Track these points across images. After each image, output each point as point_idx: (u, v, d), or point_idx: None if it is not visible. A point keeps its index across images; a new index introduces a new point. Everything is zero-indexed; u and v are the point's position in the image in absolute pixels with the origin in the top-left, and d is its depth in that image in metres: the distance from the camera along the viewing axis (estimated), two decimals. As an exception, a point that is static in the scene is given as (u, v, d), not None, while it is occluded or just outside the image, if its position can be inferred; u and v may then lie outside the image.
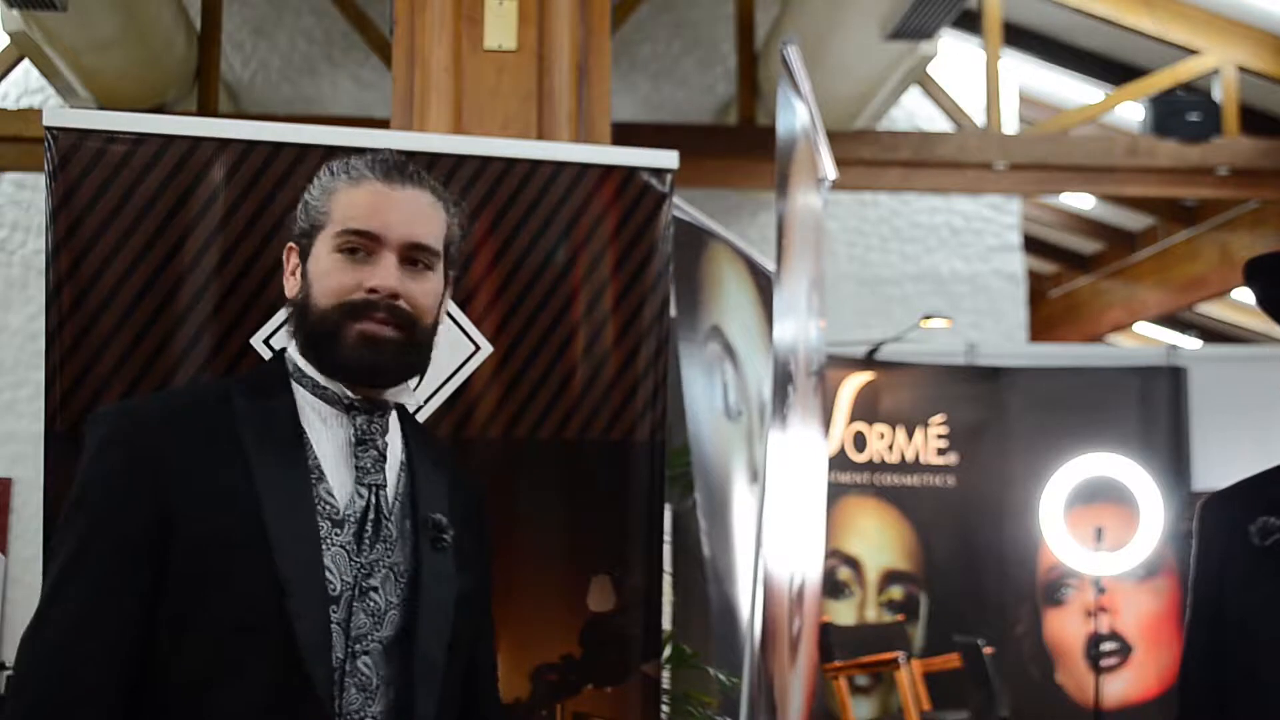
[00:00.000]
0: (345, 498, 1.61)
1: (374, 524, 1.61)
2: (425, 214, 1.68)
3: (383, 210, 1.64)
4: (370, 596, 1.59)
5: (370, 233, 1.63)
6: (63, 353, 2.02)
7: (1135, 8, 7.07)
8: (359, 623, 1.58)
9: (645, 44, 7.82)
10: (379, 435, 1.65)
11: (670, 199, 2.30)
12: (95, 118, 2.10)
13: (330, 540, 1.58)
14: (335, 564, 1.58)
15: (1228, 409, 6.44)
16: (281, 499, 1.55)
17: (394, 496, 1.65)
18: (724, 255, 3.38)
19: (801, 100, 3.08)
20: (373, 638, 1.59)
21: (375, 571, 1.60)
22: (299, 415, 1.63)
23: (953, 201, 8.30)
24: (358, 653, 1.57)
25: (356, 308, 1.61)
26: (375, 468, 1.63)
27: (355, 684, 1.57)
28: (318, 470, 1.60)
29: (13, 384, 6.98)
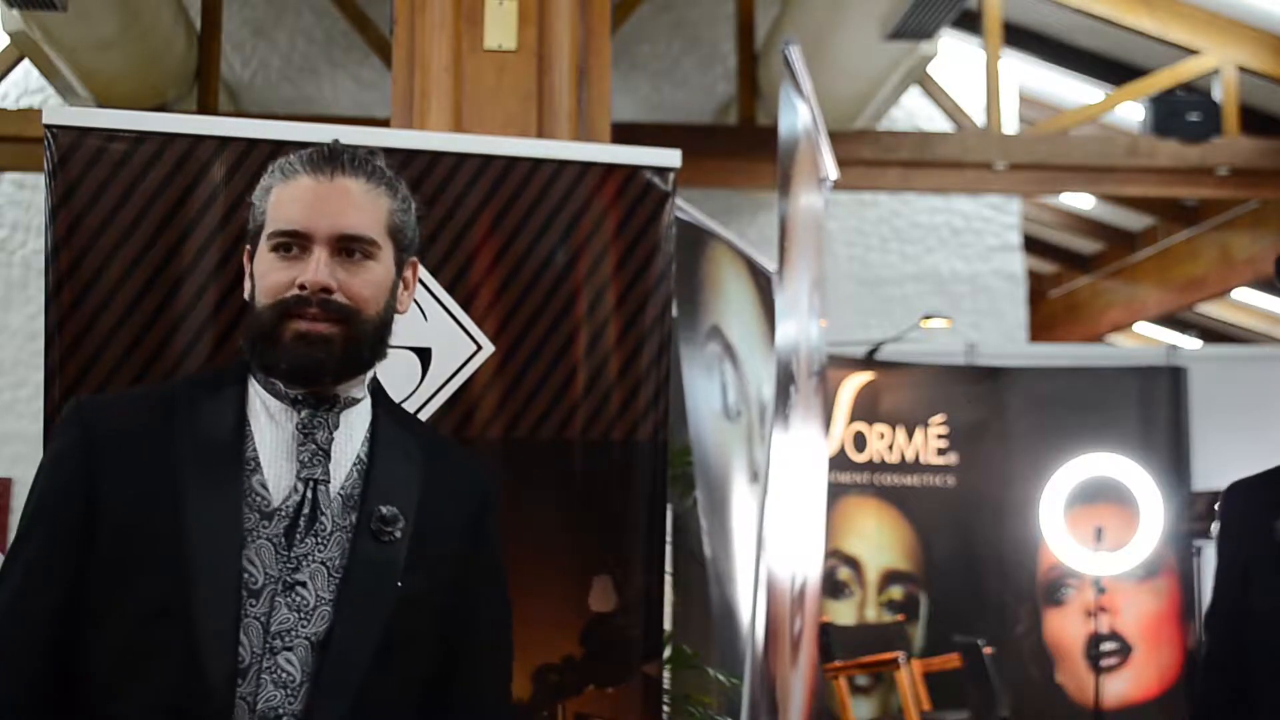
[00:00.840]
0: (282, 491, 1.59)
1: (308, 518, 1.58)
2: (358, 203, 1.63)
3: (310, 205, 1.61)
4: (298, 591, 1.55)
5: (298, 230, 1.60)
6: (63, 353, 2.01)
7: (1135, 8, 7.07)
8: (282, 618, 1.54)
9: (645, 44, 7.82)
10: (322, 429, 1.62)
11: (673, 198, 2.30)
12: (95, 116, 2.10)
13: (257, 533, 1.55)
14: (259, 557, 1.55)
15: (1228, 409, 6.44)
16: (204, 491, 1.55)
17: (339, 491, 1.61)
18: (724, 255, 3.38)
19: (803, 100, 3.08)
20: (298, 634, 1.54)
21: (304, 566, 1.56)
22: (246, 409, 1.62)
23: (953, 201, 8.30)
24: (278, 648, 1.53)
25: (289, 306, 1.59)
26: (313, 461, 1.60)
27: (274, 680, 1.53)
28: (253, 463, 1.59)
29: (13, 384, 6.98)
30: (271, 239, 1.61)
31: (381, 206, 1.65)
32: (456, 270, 2.19)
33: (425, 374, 2.16)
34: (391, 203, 1.67)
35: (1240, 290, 9.60)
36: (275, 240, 1.61)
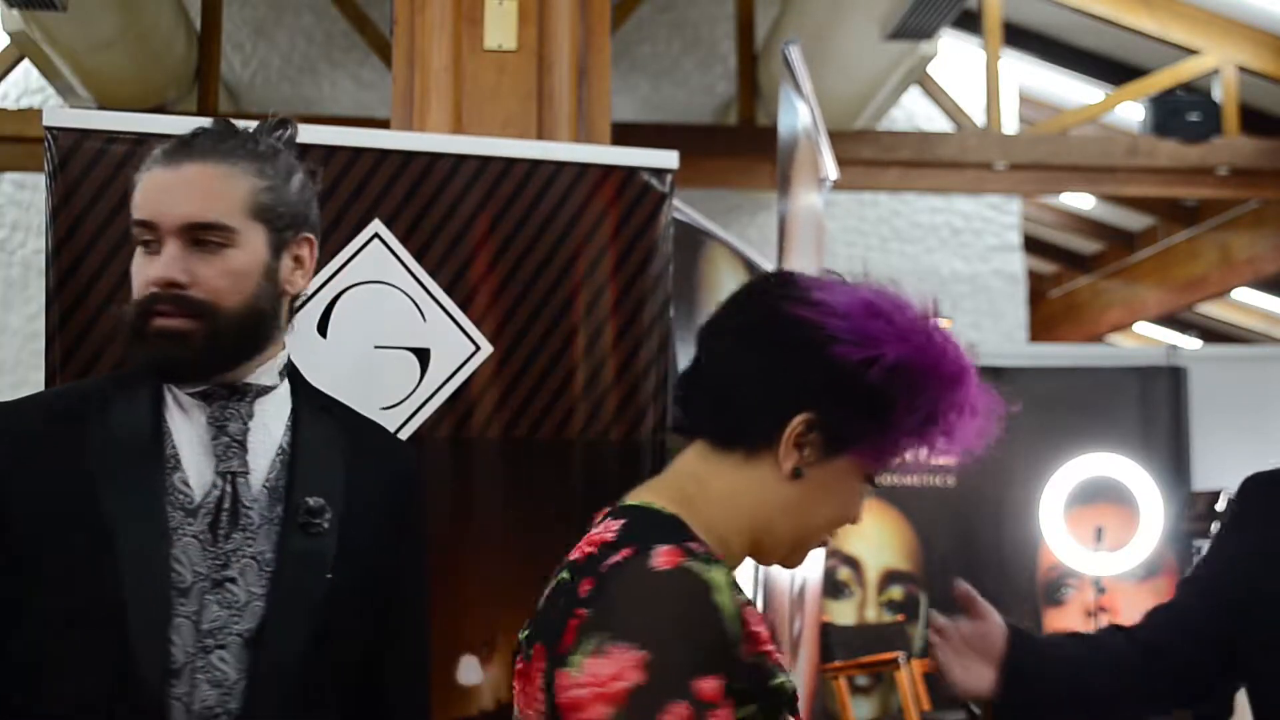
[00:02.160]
0: (203, 487, 1.55)
1: (230, 513, 1.54)
2: (209, 188, 1.56)
3: (158, 195, 1.57)
4: (227, 588, 1.52)
5: (147, 221, 1.57)
6: (63, 353, 2.02)
7: (1135, 8, 7.07)
8: (212, 615, 1.51)
9: (645, 44, 7.82)
10: (234, 420, 1.58)
11: (670, 199, 2.30)
12: (95, 118, 2.10)
13: (182, 531, 1.52)
14: (186, 555, 1.52)
15: (1228, 409, 6.44)
16: (127, 490, 1.52)
17: (264, 484, 1.58)
18: (721, 255, 3.38)
19: (803, 100, 3.08)
20: (230, 631, 1.52)
21: (233, 562, 1.53)
22: (163, 405, 1.58)
23: (953, 201, 8.30)
24: (211, 647, 1.51)
25: (145, 304, 1.55)
26: (229, 454, 1.57)
27: (208, 680, 1.50)
28: (173, 460, 1.56)
29: (13, 384, 6.98)
30: (132, 230, 1.58)
31: (240, 188, 1.58)
32: (455, 271, 2.19)
33: (424, 374, 2.16)
34: (257, 181, 1.59)
35: (1240, 290, 9.60)
36: (135, 235, 1.58)
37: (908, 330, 1.38)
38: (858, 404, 1.33)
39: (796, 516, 1.36)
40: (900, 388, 1.33)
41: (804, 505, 1.36)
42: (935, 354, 1.37)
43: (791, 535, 1.38)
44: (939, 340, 1.38)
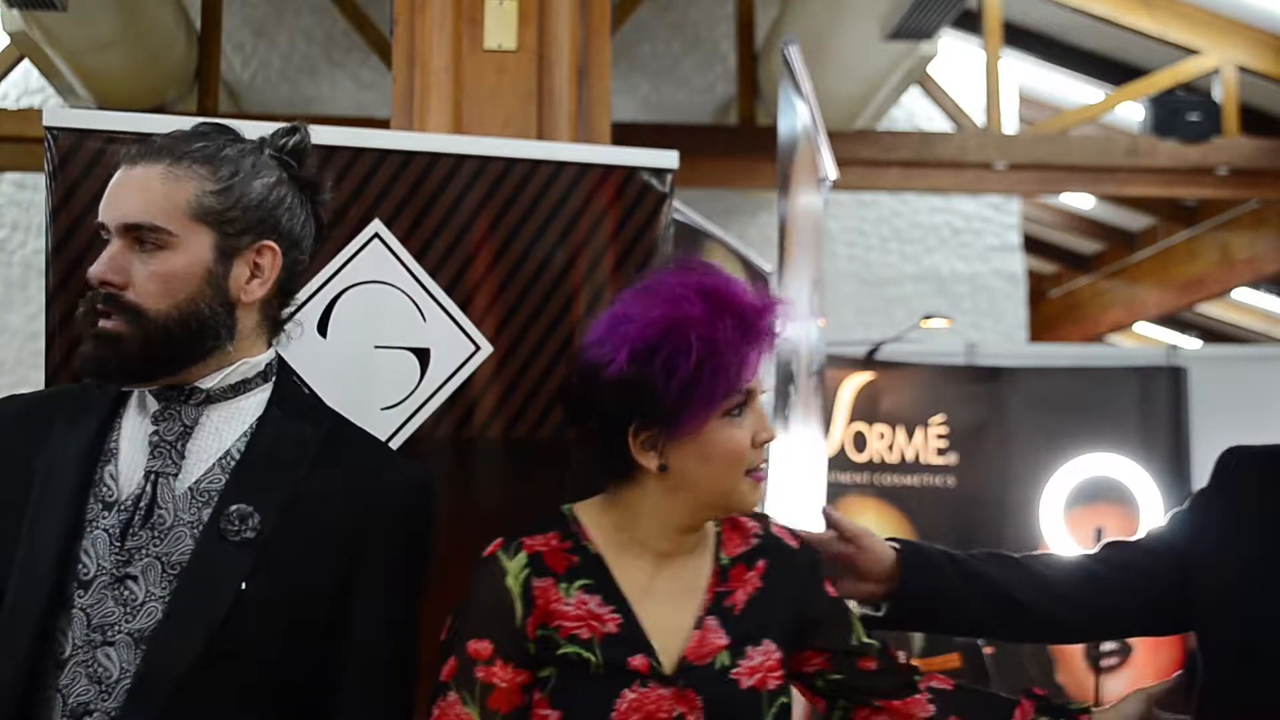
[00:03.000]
0: (130, 484, 1.54)
1: (145, 511, 1.52)
2: (150, 189, 1.55)
3: (110, 197, 1.58)
4: (127, 585, 1.50)
5: (101, 223, 1.59)
6: (62, 353, 2.01)
7: (1135, 8, 7.07)
8: (106, 611, 1.49)
9: (645, 44, 7.82)
10: (172, 421, 1.56)
11: (671, 199, 2.30)
12: (95, 118, 2.10)
13: (96, 523, 1.52)
14: (95, 547, 1.51)
15: (1228, 409, 6.44)
16: (54, 480, 1.53)
17: (190, 485, 1.55)
18: (720, 255, 3.38)
19: (803, 100, 3.08)
20: (121, 629, 1.49)
21: (135, 560, 1.51)
22: (124, 402, 1.60)
23: (953, 201, 8.30)
24: (98, 643, 1.48)
25: (89, 303, 1.55)
26: (158, 453, 1.55)
27: (89, 675, 1.48)
28: (110, 453, 1.55)
29: (13, 384, 6.98)
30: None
31: (184, 189, 1.55)
32: (455, 271, 2.19)
33: (424, 374, 2.16)
34: (205, 184, 1.56)
35: (1240, 290, 9.60)
36: (100, 234, 1.60)
37: (645, 320, 1.59)
38: (641, 397, 1.58)
39: (701, 481, 1.61)
40: (647, 370, 1.56)
41: (696, 473, 1.61)
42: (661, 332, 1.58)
43: (713, 491, 1.62)
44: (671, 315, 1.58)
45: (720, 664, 1.64)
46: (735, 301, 1.60)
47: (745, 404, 1.61)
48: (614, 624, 1.61)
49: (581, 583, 1.62)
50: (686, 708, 1.59)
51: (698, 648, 1.63)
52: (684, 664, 1.61)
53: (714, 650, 1.64)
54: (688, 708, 1.59)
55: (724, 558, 1.72)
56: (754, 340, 1.59)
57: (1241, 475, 1.90)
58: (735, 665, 1.64)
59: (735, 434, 1.60)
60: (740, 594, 1.69)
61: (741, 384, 1.59)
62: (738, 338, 1.58)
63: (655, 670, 1.60)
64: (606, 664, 1.58)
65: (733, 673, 1.64)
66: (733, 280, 1.64)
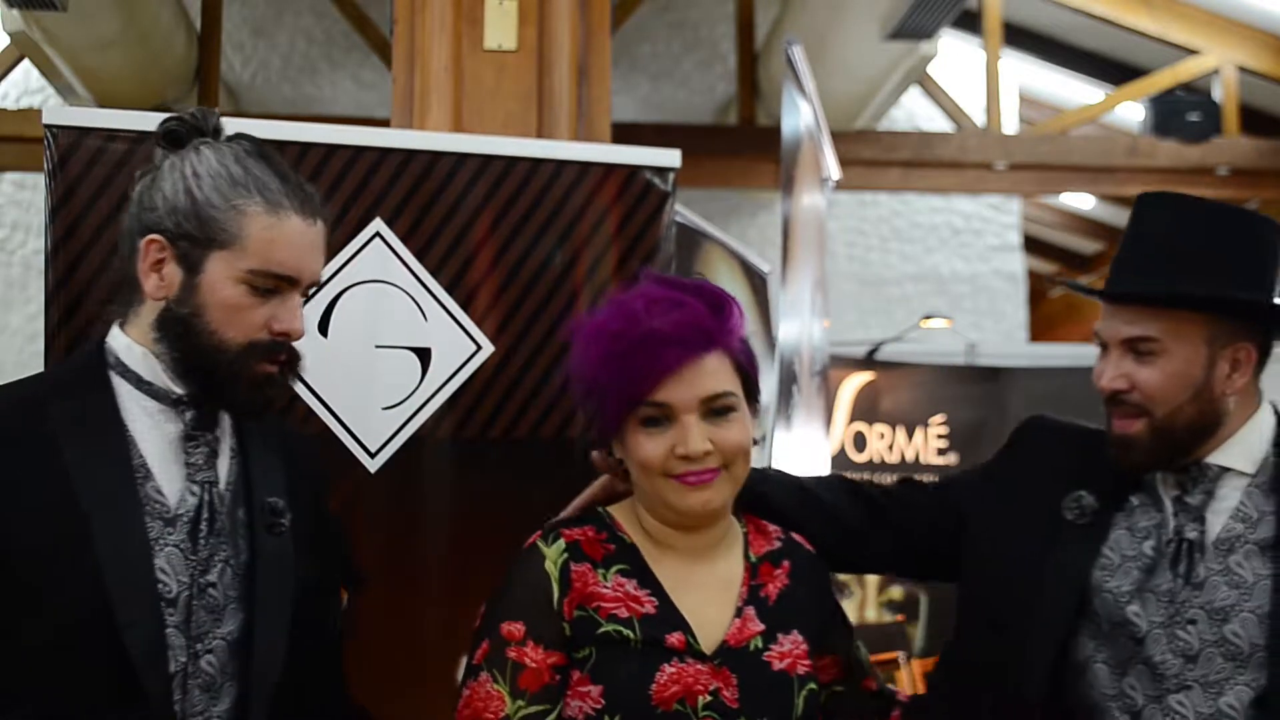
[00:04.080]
0: (176, 495, 1.55)
1: (209, 520, 1.55)
2: (322, 250, 1.63)
3: (303, 252, 1.58)
4: (208, 593, 1.53)
5: (291, 277, 1.57)
6: (63, 353, 2.01)
7: (1135, 8, 7.06)
8: (199, 621, 1.52)
9: (645, 44, 7.81)
10: (210, 429, 1.59)
11: (673, 198, 2.30)
12: (94, 116, 2.09)
13: (163, 540, 1.52)
14: (170, 565, 1.52)
15: (1228, 409, 6.43)
16: (104, 504, 1.49)
17: (225, 487, 1.59)
18: (718, 256, 3.38)
19: (806, 100, 3.08)
20: (214, 635, 1.53)
21: (211, 567, 1.54)
22: (120, 412, 1.55)
23: (953, 201, 8.30)
24: (200, 652, 1.52)
25: (263, 349, 1.56)
26: (208, 464, 1.57)
27: (199, 685, 1.52)
28: (144, 469, 1.54)
29: (12, 384, 6.98)
30: (255, 275, 1.54)
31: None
32: (456, 270, 2.19)
33: (425, 374, 2.16)
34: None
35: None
36: (259, 280, 1.55)
37: (579, 342, 1.73)
38: (583, 403, 1.74)
39: (636, 482, 1.73)
40: (575, 382, 1.73)
41: (633, 473, 1.72)
42: (574, 345, 1.73)
43: (647, 493, 1.72)
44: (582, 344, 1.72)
45: (754, 646, 1.71)
46: (631, 323, 1.67)
47: (666, 417, 1.67)
48: (651, 605, 1.68)
49: (619, 568, 1.71)
50: (722, 683, 1.66)
51: (738, 634, 1.71)
52: (724, 646, 1.69)
53: (751, 635, 1.72)
54: (724, 684, 1.66)
55: (753, 556, 1.80)
56: (648, 359, 1.65)
57: (1034, 446, 1.92)
58: (768, 649, 1.72)
59: (645, 443, 1.67)
60: (771, 588, 1.78)
61: (643, 397, 1.66)
62: (624, 357, 1.65)
63: (692, 647, 1.67)
64: (644, 641, 1.65)
65: (765, 655, 1.71)
66: (660, 297, 1.70)
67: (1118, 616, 1.72)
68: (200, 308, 1.55)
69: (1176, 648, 1.68)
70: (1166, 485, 1.77)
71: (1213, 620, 1.68)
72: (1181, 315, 1.72)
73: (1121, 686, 1.70)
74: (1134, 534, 1.76)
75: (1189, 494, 1.74)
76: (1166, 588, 1.71)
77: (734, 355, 1.72)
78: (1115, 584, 1.73)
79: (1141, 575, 1.73)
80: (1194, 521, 1.72)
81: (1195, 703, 1.66)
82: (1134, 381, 1.73)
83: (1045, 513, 1.81)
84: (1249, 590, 1.68)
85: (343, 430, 2.10)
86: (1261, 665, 1.64)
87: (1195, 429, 1.72)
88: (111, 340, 1.60)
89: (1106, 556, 1.75)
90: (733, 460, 1.70)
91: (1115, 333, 1.76)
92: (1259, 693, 1.64)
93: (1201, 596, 1.69)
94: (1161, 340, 1.71)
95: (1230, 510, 1.73)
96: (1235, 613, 1.67)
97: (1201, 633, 1.68)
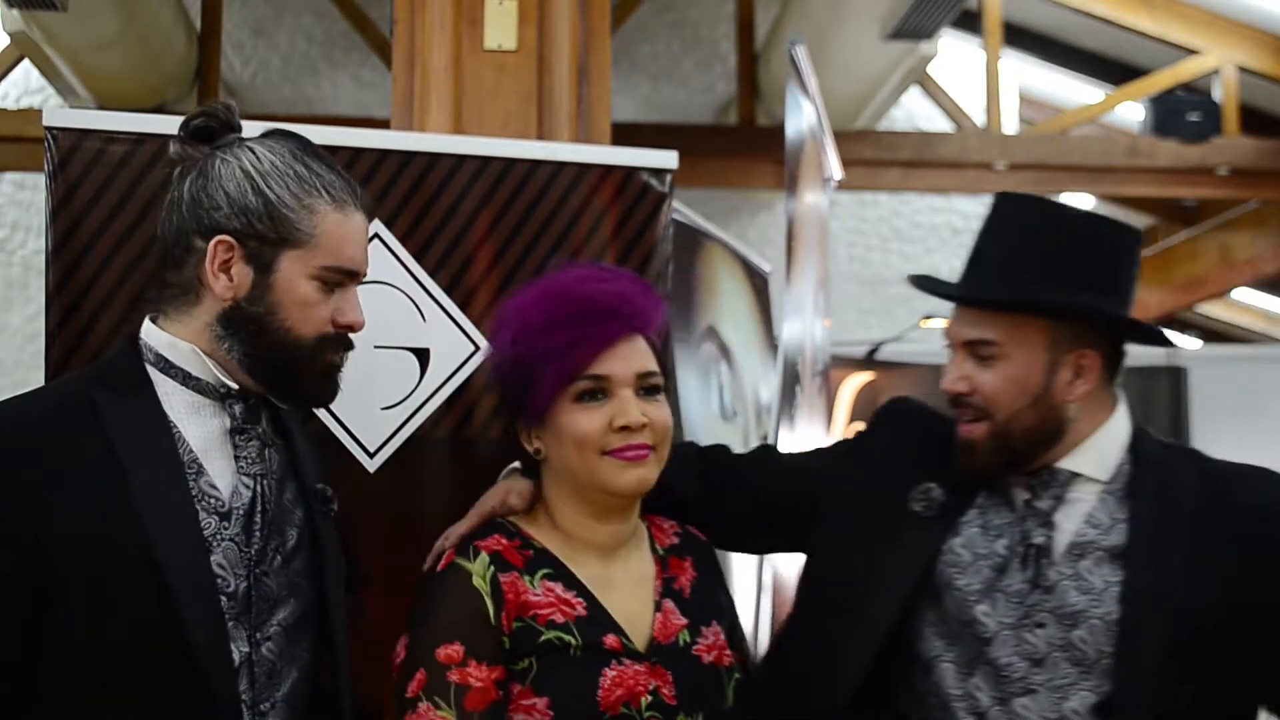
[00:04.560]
0: (228, 489, 1.56)
1: (262, 514, 1.58)
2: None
3: (364, 247, 1.64)
4: (264, 583, 1.56)
5: (356, 271, 1.62)
6: (63, 353, 2.01)
7: (1135, 8, 7.06)
8: (258, 611, 1.55)
9: (645, 44, 7.82)
10: (258, 422, 1.61)
11: (670, 199, 2.30)
12: (95, 117, 2.10)
13: (219, 536, 1.53)
14: (227, 559, 1.53)
15: (1228, 409, 6.44)
16: (160, 502, 1.50)
17: (271, 478, 1.62)
18: (719, 255, 3.38)
19: (809, 100, 3.08)
20: (272, 622, 1.57)
21: (265, 558, 1.57)
22: (164, 408, 1.55)
23: (953, 201, 8.30)
24: (259, 641, 1.55)
25: (330, 342, 1.60)
26: (259, 456, 1.60)
27: (263, 673, 1.55)
28: (195, 465, 1.54)
29: (13, 384, 6.98)
30: (326, 271, 1.58)
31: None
32: (455, 271, 2.19)
33: (423, 374, 2.16)
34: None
35: (1240, 290, 9.59)
36: (330, 275, 1.58)
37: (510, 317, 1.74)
38: (503, 387, 1.75)
39: (566, 464, 1.70)
40: (496, 362, 1.74)
41: (559, 456, 1.70)
42: (498, 325, 1.76)
43: (578, 473, 1.70)
44: (507, 309, 1.75)
45: (683, 641, 1.72)
46: (570, 293, 1.70)
47: (603, 390, 1.67)
48: (581, 607, 1.67)
49: (543, 572, 1.69)
50: (660, 682, 1.66)
51: (663, 628, 1.71)
52: (654, 643, 1.69)
53: (676, 629, 1.72)
54: (661, 682, 1.66)
55: (660, 549, 1.80)
56: (588, 329, 1.66)
57: (892, 431, 1.91)
58: (695, 643, 1.73)
59: (580, 418, 1.67)
60: (683, 579, 1.79)
61: (581, 369, 1.67)
62: (566, 326, 1.66)
63: (628, 648, 1.67)
64: (585, 644, 1.64)
65: (694, 649, 1.72)
66: (592, 275, 1.74)
67: (966, 615, 1.70)
68: (274, 306, 1.56)
69: (1023, 650, 1.67)
70: (1018, 487, 1.75)
71: (1061, 624, 1.66)
72: (1022, 320, 1.69)
73: (967, 687, 1.69)
74: (987, 531, 1.74)
75: (1038, 498, 1.72)
76: (1017, 589, 1.69)
77: (655, 344, 1.74)
78: (965, 582, 1.72)
79: (992, 574, 1.71)
80: (1042, 526, 1.71)
81: (1040, 706, 1.65)
82: (974, 385, 1.71)
83: (894, 500, 1.79)
84: (1098, 596, 1.66)
85: (341, 430, 2.10)
86: (1107, 672, 1.63)
87: (1034, 435, 1.70)
88: (147, 337, 1.60)
89: (958, 554, 1.74)
90: (662, 440, 1.71)
91: (958, 334, 1.74)
92: (1102, 698, 1.63)
93: (1051, 600, 1.67)
94: (1001, 344, 1.69)
95: (1083, 515, 1.71)
96: (1083, 619, 1.66)
97: (1049, 637, 1.67)
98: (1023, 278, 1.70)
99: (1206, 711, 1.64)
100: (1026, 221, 1.75)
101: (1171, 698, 1.61)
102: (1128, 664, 1.62)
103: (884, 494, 1.81)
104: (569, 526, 1.73)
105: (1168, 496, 1.70)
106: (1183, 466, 1.75)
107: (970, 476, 1.76)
